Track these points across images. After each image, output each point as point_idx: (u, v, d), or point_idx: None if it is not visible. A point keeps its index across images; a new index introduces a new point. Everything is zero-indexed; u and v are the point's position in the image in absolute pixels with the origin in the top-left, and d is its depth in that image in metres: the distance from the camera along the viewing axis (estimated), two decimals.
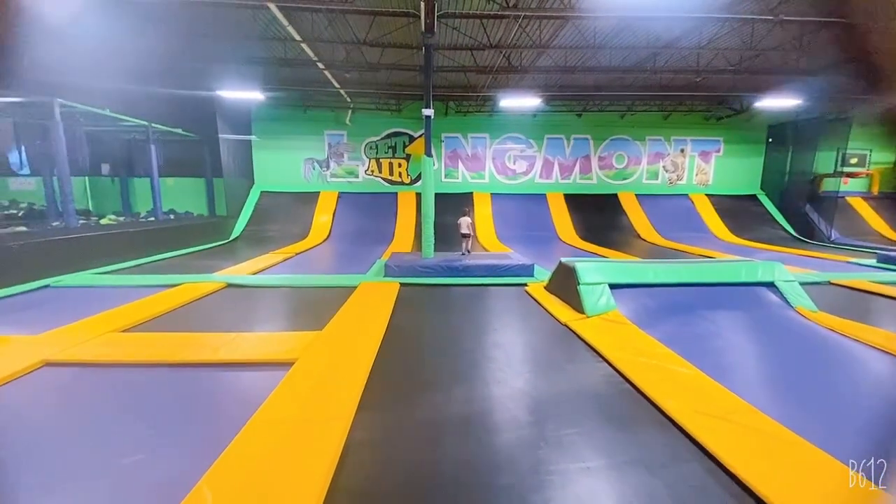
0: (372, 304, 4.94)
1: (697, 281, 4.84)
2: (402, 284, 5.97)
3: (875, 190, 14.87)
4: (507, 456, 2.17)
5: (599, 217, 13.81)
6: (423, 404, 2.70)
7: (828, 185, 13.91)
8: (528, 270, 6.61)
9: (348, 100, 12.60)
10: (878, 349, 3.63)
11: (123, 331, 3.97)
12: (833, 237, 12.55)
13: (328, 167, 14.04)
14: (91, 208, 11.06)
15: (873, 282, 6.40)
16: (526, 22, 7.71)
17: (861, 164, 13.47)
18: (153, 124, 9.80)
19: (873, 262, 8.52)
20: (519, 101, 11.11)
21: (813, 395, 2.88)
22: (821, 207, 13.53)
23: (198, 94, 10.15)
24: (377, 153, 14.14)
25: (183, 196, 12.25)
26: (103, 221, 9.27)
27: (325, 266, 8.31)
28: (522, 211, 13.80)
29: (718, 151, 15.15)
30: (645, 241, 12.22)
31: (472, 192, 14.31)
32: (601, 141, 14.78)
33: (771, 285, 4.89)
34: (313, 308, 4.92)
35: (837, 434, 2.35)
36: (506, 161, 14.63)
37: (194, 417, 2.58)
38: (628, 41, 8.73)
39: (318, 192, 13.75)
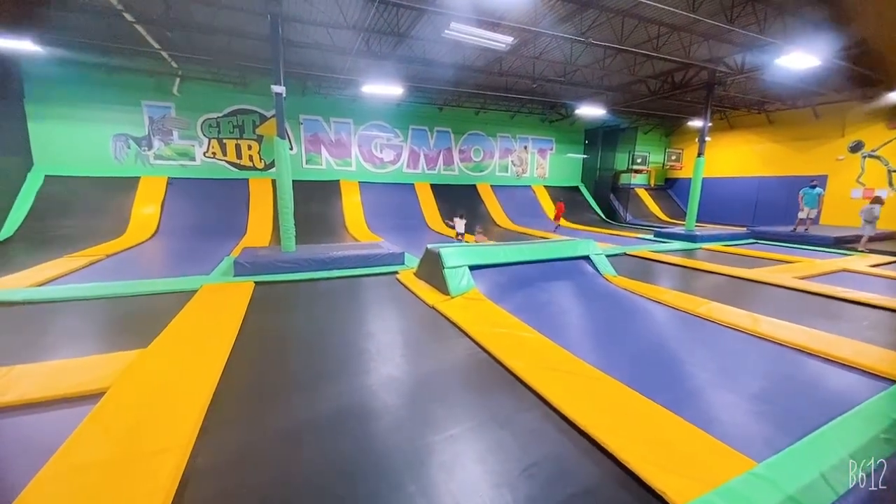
0: (218, 308, 4.27)
1: (537, 258, 5.72)
2: (257, 283, 5.33)
3: (652, 183, 19.94)
4: (377, 444, 2.17)
5: (462, 206, 14.87)
6: (285, 411, 2.48)
7: (623, 179, 18.05)
8: (398, 259, 6.70)
9: (174, 65, 10.40)
10: (654, 301, 4.94)
11: None
12: (628, 219, 16.39)
13: (150, 146, 11.37)
14: None
15: (652, 251, 8.66)
16: (383, 7, 7.61)
17: (644, 163, 17.87)
18: None
19: (651, 236, 11.47)
20: (382, 89, 10.98)
21: (616, 342, 3.73)
22: (619, 196, 17.54)
23: None
24: (220, 132, 12.10)
25: None
26: None
27: (152, 269, 6.80)
28: (392, 200, 13.87)
29: (552, 149, 17.98)
30: (500, 226, 13.75)
31: (338, 181, 13.65)
32: (460, 135, 15.86)
33: (587, 258, 6.13)
34: (134, 322, 3.99)
35: (632, 369, 3.09)
36: (373, 149, 14.38)
37: None
38: (478, 41, 9.46)
39: (139, 178, 11.08)
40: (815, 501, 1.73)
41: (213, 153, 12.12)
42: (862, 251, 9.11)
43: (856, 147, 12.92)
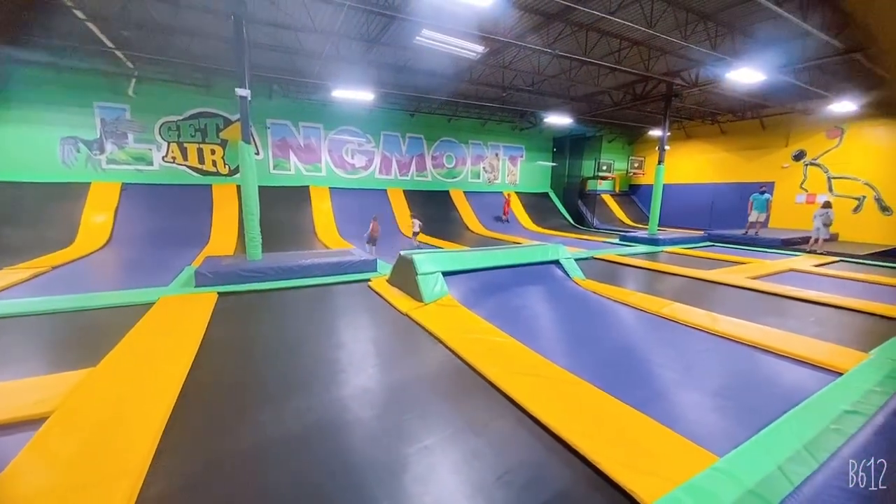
0: (177, 321, 4.04)
1: (509, 263, 5.79)
2: (220, 294, 5.08)
3: (617, 189, 20.75)
4: (349, 458, 2.10)
5: (435, 212, 14.89)
6: (250, 429, 2.36)
7: (590, 185, 18.68)
8: (370, 265, 6.59)
9: (130, 65, 9.85)
10: (621, 303, 5.10)
11: None
12: (595, 224, 16.94)
13: (103, 150, 10.67)
14: None
15: (618, 255, 8.97)
16: (353, 13, 7.54)
17: (609, 170, 18.58)
18: None
19: (617, 240, 11.89)
20: (353, 94, 10.86)
21: (586, 344, 3.82)
22: (587, 202, 18.12)
23: None
24: (180, 136, 11.52)
25: None
26: None
27: (104, 281, 6.36)
28: (364, 206, 13.65)
29: (522, 157, 18.37)
30: (473, 232, 13.85)
31: (308, 186, 13.33)
32: (433, 141, 15.91)
33: (556, 263, 6.27)
34: (82, 339, 3.70)
35: (601, 371, 3.17)
36: (344, 154, 14.15)
37: None
38: (448, 49, 9.57)
39: (89, 184, 10.36)
40: (773, 493, 1.82)
41: (173, 158, 11.53)
42: (820, 253, 9.64)
43: (799, 156, 14.01)
